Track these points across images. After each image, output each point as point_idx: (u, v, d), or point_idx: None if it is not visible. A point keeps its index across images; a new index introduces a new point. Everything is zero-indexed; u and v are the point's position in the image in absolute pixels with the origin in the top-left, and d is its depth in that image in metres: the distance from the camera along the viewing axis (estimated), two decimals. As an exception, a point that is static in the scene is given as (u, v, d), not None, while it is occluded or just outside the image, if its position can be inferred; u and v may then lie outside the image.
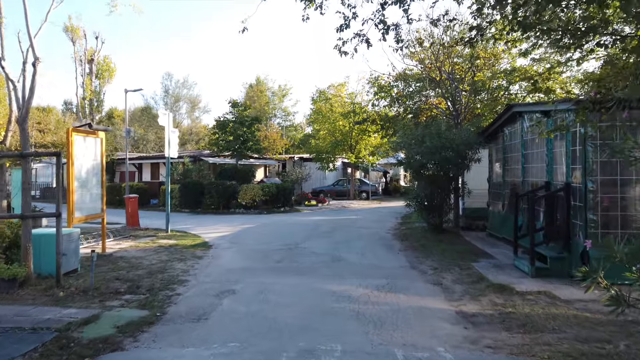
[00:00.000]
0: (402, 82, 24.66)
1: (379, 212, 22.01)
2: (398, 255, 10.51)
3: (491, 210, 12.60)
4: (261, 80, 53.33)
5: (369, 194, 31.09)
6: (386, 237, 13.49)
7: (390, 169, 39.85)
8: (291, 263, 9.68)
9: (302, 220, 18.41)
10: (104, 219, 10.02)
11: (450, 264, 9.13)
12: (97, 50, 30.23)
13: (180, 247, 11.62)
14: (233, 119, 24.08)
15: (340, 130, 29.85)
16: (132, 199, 14.37)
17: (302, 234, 14.10)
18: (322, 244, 12.18)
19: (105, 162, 9.91)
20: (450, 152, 11.82)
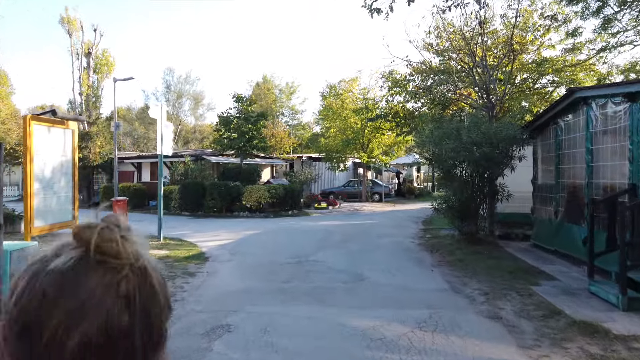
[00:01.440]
0: (420, 76, 22.89)
1: (396, 216, 20.15)
2: (432, 272, 8.66)
3: (537, 217, 10.72)
4: (268, 79, 51.62)
5: (382, 195, 29.22)
6: (411, 247, 11.64)
7: (404, 169, 37.96)
8: (302, 283, 7.86)
9: (312, 225, 16.59)
10: (76, 228, 8.30)
11: (503, 286, 7.26)
12: (96, 44, 28.64)
13: (172, 259, 9.84)
14: (237, 115, 22.33)
15: (351, 127, 28.02)
16: (121, 202, 12.64)
17: (313, 242, 12.29)
18: (338, 256, 10.36)
19: (75, 159, 8.13)
20: (491, 148, 9.96)
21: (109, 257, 0.56)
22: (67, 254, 0.56)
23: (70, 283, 0.54)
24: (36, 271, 0.56)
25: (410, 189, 32.39)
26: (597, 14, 12.84)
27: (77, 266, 0.55)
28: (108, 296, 0.54)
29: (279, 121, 44.64)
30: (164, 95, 49.36)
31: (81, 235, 0.56)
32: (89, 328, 0.52)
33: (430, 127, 11.00)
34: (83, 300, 0.53)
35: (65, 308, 0.53)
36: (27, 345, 0.53)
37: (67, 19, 27.61)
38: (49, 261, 0.56)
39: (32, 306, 0.53)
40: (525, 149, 10.75)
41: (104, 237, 0.56)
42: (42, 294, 0.53)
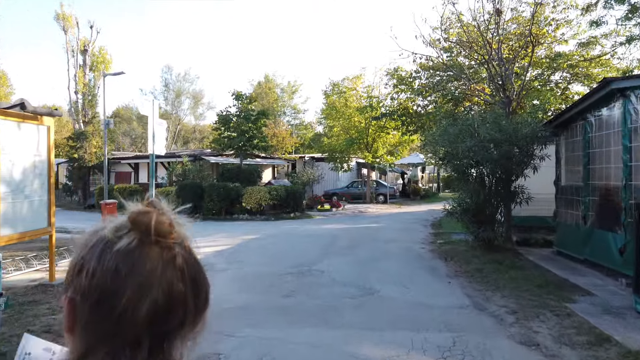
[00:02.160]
0: (427, 72, 22.08)
1: (403, 218, 19.26)
2: (450, 285, 7.77)
3: (561, 222, 9.83)
4: (270, 78, 50.78)
5: (387, 197, 28.33)
6: (423, 254, 10.76)
7: (408, 169, 37.06)
8: (306, 298, 6.99)
9: (315, 229, 15.72)
10: (53, 236, 7.41)
11: (534, 303, 6.38)
12: (92, 41, 27.81)
13: (162, 269, 8.98)
14: (237, 113, 21.47)
15: (355, 126, 27.14)
16: (110, 206, 11.80)
17: (317, 249, 11.42)
18: (344, 265, 9.49)
19: (51, 159, 7.28)
20: (511, 146, 9.08)
21: (163, 237, 0.66)
22: (129, 236, 0.65)
23: (137, 260, 0.64)
24: (103, 251, 0.65)
25: (416, 190, 31.48)
26: (621, 2, 11.95)
27: (139, 246, 0.65)
28: (167, 269, 0.64)
29: (281, 120, 43.78)
30: (162, 94, 48.50)
31: (138, 221, 0.65)
32: (156, 295, 0.63)
33: (443, 124, 10.10)
34: (149, 273, 0.63)
35: (136, 281, 0.63)
36: (103, 312, 0.62)
37: (62, 15, 26.81)
38: (113, 243, 0.65)
39: (107, 281, 0.63)
40: (547, 148, 9.87)
41: (159, 221, 0.66)
42: (115, 270, 0.63)
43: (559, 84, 17.22)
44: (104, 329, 0.63)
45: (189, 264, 0.68)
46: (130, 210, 0.67)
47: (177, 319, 0.65)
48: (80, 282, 0.64)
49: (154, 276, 0.63)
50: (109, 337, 0.63)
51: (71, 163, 26.09)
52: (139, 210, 0.66)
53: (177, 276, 0.65)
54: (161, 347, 0.65)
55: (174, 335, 0.66)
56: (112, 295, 0.62)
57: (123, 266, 0.63)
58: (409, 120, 23.35)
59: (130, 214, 0.66)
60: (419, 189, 31.88)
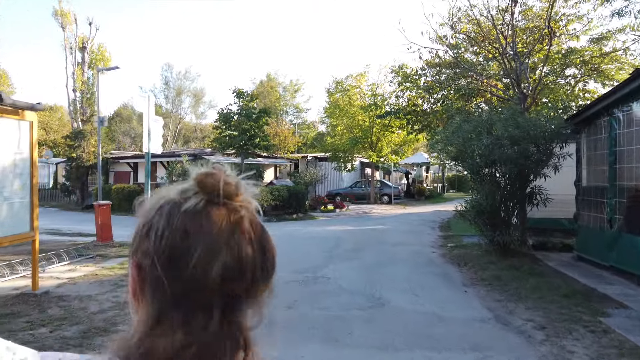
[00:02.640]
0: (434, 69, 21.52)
1: (409, 220, 18.64)
2: (467, 294, 7.17)
3: (583, 225, 9.20)
4: (272, 77, 50.17)
5: (392, 197, 27.70)
6: (434, 259, 10.15)
7: (412, 169, 36.41)
8: (310, 309, 6.39)
9: (319, 231, 15.12)
10: (36, 241, 6.82)
11: (563, 317, 5.77)
12: (91, 38, 27.27)
13: (156, 275, 8.41)
14: (238, 111, 20.87)
15: (359, 125, 26.53)
16: (103, 207, 11.22)
17: (321, 253, 10.83)
18: (351, 270, 8.89)
19: (35, 157, 6.70)
20: (529, 145, 8.47)
21: (230, 199, 0.63)
22: (195, 197, 0.63)
23: (206, 221, 0.61)
24: (171, 211, 0.62)
25: (421, 190, 30.84)
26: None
27: (207, 207, 0.62)
28: (235, 231, 0.62)
29: (283, 119, 43.17)
30: (162, 92, 47.81)
31: (205, 182, 0.64)
32: (225, 257, 0.60)
33: (456, 121, 9.48)
34: (217, 235, 0.61)
35: (206, 242, 0.60)
36: (175, 274, 0.60)
37: (60, 11, 26.29)
38: (181, 203, 0.62)
39: (176, 241, 0.60)
40: (567, 146, 9.25)
41: (226, 182, 0.64)
42: (184, 230, 0.61)
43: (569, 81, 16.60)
44: (175, 291, 0.61)
45: (256, 227, 0.65)
46: (197, 172, 0.66)
47: (247, 283, 0.62)
48: (149, 244, 0.62)
49: (222, 238, 0.61)
50: (181, 300, 0.61)
51: (69, 163, 25.56)
52: (206, 172, 0.66)
53: (245, 239, 0.63)
54: (233, 312, 0.63)
55: (245, 301, 0.64)
56: (182, 256, 0.60)
57: (191, 226, 0.61)
58: (415, 118, 22.76)
59: (197, 176, 0.66)
60: (424, 189, 31.24)
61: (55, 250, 9.86)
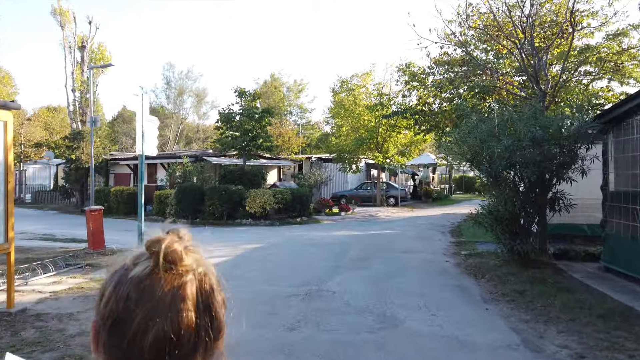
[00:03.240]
0: (443, 67, 20.84)
1: (417, 224, 17.92)
2: (488, 312, 6.45)
3: (611, 233, 8.46)
4: (276, 77, 49.52)
5: (398, 199, 26.97)
6: (448, 269, 9.43)
7: (419, 170, 35.64)
8: (314, 332, 5.69)
9: (324, 237, 14.42)
10: (11, 254, 6.16)
11: (603, 344, 5.04)
12: (91, 37, 26.71)
13: (148, 288, 7.75)
14: (240, 111, 20.21)
15: (365, 125, 25.82)
16: (95, 213, 10.58)
17: (326, 261, 10.14)
18: (358, 282, 8.19)
19: (9, 160, 6.05)
20: (554, 146, 7.75)
21: (175, 265, 0.68)
22: (143, 263, 0.68)
23: (147, 288, 0.65)
24: (120, 278, 0.68)
25: (428, 192, 30.09)
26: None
27: (151, 273, 0.67)
28: (177, 297, 0.66)
29: (287, 120, 42.49)
30: (164, 92, 47.16)
31: (152, 248, 0.68)
32: (163, 324, 0.64)
33: (473, 120, 8.77)
34: (157, 301, 0.65)
35: (145, 308, 0.64)
36: (117, 337, 0.65)
37: (59, 10, 25.75)
38: (129, 270, 0.68)
39: (120, 307, 0.65)
40: (594, 147, 8.52)
41: (170, 249, 0.68)
42: (126, 297, 0.65)
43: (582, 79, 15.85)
44: (116, 354, 0.66)
45: (203, 292, 0.69)
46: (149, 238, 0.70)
47: (187, 349, 0.65)
48: (99, 308, 0.68)
49: (162, 304, 0.64)
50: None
51: (68, 164, 25.00)
52: (154, 237, 0.70)
53: (187, 304, 0.66)
54: None
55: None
56: (122, 322, 0.65)
57: (134, 293, 0.65)
58: (422, 118, 22.05)
59: (146, 241, 0.70)
60: (431, 191, 30.48)
61: (42, 260, 9.23)
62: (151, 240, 0.70)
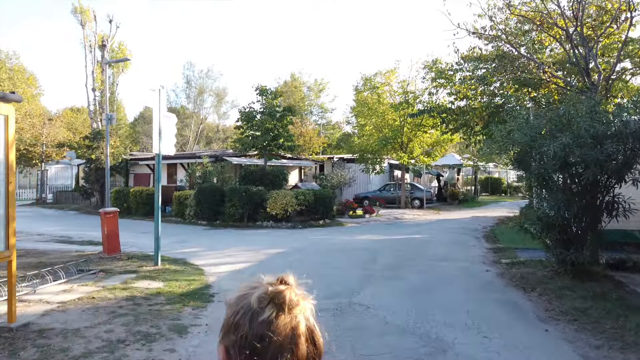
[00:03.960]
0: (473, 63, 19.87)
1: (446, 227, 16.99)
2: (548, 335, 5.59)
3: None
4: (296, 77, 48.97)
5: (423, 201, 26.01)
6: (491, 280, 8.55)
7: (444, 171, 34.55)
8: (351, 357, 4.93)
9: (349, 241, 13.64)
10: (13, 262, 5.55)
11: None
12: (111, 36, 26.48)
13: (164, 298, 7.10)
14: (261, 110, 19.57)
15: (389, 125, 24.93)
16: (110, 215, 10.00)
17: (355, 269, 9.36)
18: (394, 296, 7.40)
19: (11, 158, 5.43)
20: (618, 143, 6.84)
21: (292, 309, 0.89)
22: (269, 309, 0.88)
23: (275, 328, 0.86)
24: (252, 318, 0.88)
25: (454, 194, 29.02)
26: None
27: (277, 317, 0.87)
28: (295, 334, 0.88)
29: (308, 119, 41.80)
30: (184, 91, 46.86)
31: (275, 297, 0.89)
32: (288, 354, 0.86)
33: (522, 115, 7.88)
34: (283, 338, 0.86)
35: (275, 343, 0.86)
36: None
37: (79, 8, 25.56)
38: (258, 313, 0.88)
39: (256, 342, 0.86)
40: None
41: (290, 299, 0.90)
42: (260, 336, 0.86)
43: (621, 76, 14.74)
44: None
45: (310, 328, 0.92)
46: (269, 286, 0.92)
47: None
48: (236, 339, 0.88)
49: (286, 340, 0.87)
50: None
51: (88, 164, 24.76)
52: (276, 289, 0.91)
53: (301, 339, 0.88)
54: None
55: None
56: (259, 354, 0.86)
57: (266, 333, 0.86)
58: (450, 117, 21.11)
59: (269, 291, 0.90)
60: (458, 193, 29.40)
61: (54, 264, 8.68)
62: (274, 291, 0.90)
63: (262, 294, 0.89)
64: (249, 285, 0.94)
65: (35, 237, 14.19)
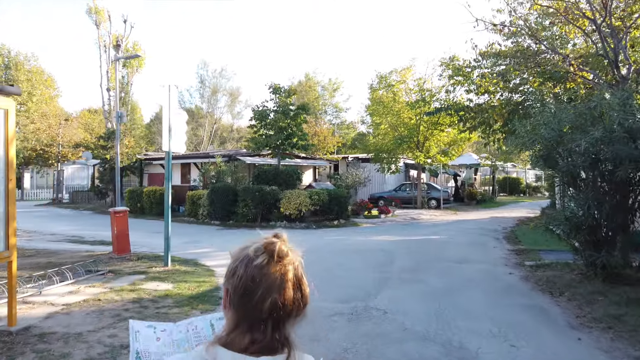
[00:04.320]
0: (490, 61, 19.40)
1: (465, 228, 16.49)
2: (581, 344, 5.16)
3: None
4: (310, 77, 48.66)
5: (440, 201, 25.48)
6: (515, 283, 8.11)
7: (460, 170, 33.91)
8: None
9: (365, 242, 13.26)
10: (13, 263, 5.32)
11: None
12: (126, 36, 26.52)
13: (172, 301, 6.83)
14: (274, 108, 19.29)
15: (405, 123, 24.46)
16: (120, 215, 9.81)
17: (371, 271, 8.99)
18: (413, 299, 7.02)
19: (11, 155, 5.20)
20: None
21: (282, 259, 1.05)
22: (262, 256, 1.04)
23: (265, 272, 1.03)
24: (247, 263, 1.05)
25: (472, 194, 28.38)
26: None
27: (268, 263, 1.04)
28: (283, 279, 1.04)
29: (322, 118, 41.43)
30: (197, 91, 46.75)
31: (268, 247, 1.05)
32: (275, 295, 1.02)
33: (549, 108, 7.43)
34: (272, 281, 1.02)
35: (264, 285, 1.02)
36: (245, 301, 1.02)
37: (94, 9, 25.63)
38: (253, 259, 1.04)
39: (248, 283, 1.02)
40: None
41: (280, 249, 1.06)
42: (252, 277, 1.02)
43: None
44: (245, 311, 1.03)
45: (298, 277, 1.08)
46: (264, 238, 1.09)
47: (288, 311, 1.03)
48: (233, 281, 1.05)
49: (274, 283, 1.03)
50: (248, 316, 1.03)
51: (102, 164, 24.78)
52: (269, 240, 1.07)
53: (288, 285, 1.04)
54: (279, 326, 1.04)
55: (286, 320, 1.05)
56: (250, 292, 1.02)
57: (257, 275, 1.03)
58: (468, 115, 20.61)
59: (264, 242, 1.07)
60: (476, 193, 28.75)
61: (64, 264, 8.49)
62: (268, 241, 1.07)
63: (258, 246, 1.06)
64: (250, 240, 1.09)
65: (48, 236, 14.10)
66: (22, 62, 42.60)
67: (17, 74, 41.93)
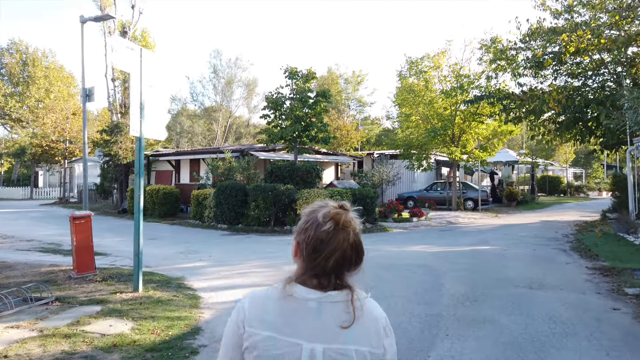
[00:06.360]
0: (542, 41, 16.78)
1: (517, 235, 13.74)
2: None
3: None
4: (332, 71, 46.10)
5: (478, 202, 22.69)
6: (630, 327, 5.48)
7: (497, 168, 30.89)
8: None
9: (399, 254, 10.71)
10: None
11: None
12: (134, 22, 24.48)
13: (119, 356, 4.49)
14: (290, 95, 16.90)
15: (439, 114, 21.76)
16: (82, 222, 7.54)
17: (414, 304, 6.47)
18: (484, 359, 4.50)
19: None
20: None
21: (346, 226, 1.26)
22: (329, 223, 1.25)
23: (332, 235, 1.25)
24: (317, 227, 1.26)
25: (511, 194, 25.40)
26: None
27: (334, 228, 1.25)
28: (345, 242, 1.25)
29: (346, 110, 38.87)
30: (210, 82, 44.23)
31: (335, 217, 1.26)
32: (338, 255, 1.25)
33: None
34: (337, 243, 1.24)
35: (331, 246, 1.24)
36: (313, 257, 1.25)
37: (98, -8, 23.69)
38: (322, 224, 1.25)
39: (317, 243, 1.25)
40: None
41: (346, 218, 1.27)
42: (321, 240, 1.25)
43: None
44: (312, 264, 1.26)
45: (356, 241, 1.28)
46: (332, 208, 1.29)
47: (347, 266, 1.27)
48: (304, 237, 1.27)
49: (338, 245, 1.24)
50: (315, 268, 1.26)
51: (106, 160, 22.86)
52: (337, 211, 1.28)
53: (349, 247, 1.26)
54: (341, 277, 1.28)
55: (347, 273, 1.28)
56: (318, 251, 1.24)
57: (325, 239, 1.24)
58: (513, 104, 17.88)
59: (332, 212, 1.27)
60: (516, 193, 25.78)
61: (5, 287, 6.27)
62: (335, 212, 1.27)
63: (326, 212, 1.28)
64: (318, 204, 1.33)
65: (22, 243, 12.04)
66: (40, 59, 41.41)
67: (34, 70, 40.75)
